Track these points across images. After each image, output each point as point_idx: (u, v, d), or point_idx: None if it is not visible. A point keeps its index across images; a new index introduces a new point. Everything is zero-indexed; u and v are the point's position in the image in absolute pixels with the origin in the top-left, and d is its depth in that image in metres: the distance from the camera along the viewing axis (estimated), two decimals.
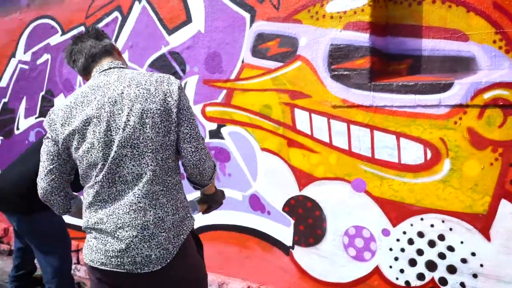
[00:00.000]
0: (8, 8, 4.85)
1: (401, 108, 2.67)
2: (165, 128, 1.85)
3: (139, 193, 1.84)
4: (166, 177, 1.88)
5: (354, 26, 2.79)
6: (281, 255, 3.21)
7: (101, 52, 2.03)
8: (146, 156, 1.83)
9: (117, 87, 1.88)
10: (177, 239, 1.90)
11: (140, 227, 1.83)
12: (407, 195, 2.70)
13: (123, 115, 1.82)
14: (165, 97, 1.86)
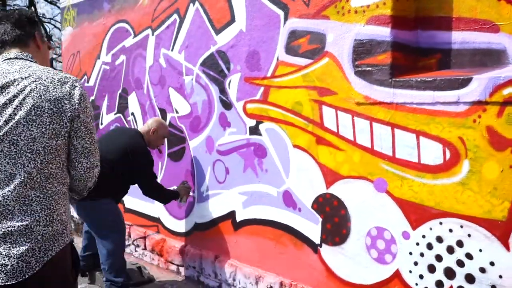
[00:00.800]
0: (95, 15, 5.35)
1: (420, 105, 2.54)
2: (53, 131, 1.72)
3: (9, 195, 1.67)
4: (45, 183, 1.72)
5: (376, 20, 2.70)
6: (310, 253, 3.20)
7: (12, 40, 1.91)
8: (23, 155, 1.69)
9: (14, 78, 1.74)
10: (44, 254, 1.70)
11: (2, 232, 1.66)
12: (426, 197, 2.56)
13: (11, 107, 1.69)
14: (62, 99, 1.74)
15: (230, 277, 3.76)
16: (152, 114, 4.56)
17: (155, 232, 4.66)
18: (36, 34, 1.97)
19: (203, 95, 3.94)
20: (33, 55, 1.94)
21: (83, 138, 1.79)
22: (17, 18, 1.93)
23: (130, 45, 4.80)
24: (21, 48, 1.92)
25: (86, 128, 1.79)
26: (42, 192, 1.72)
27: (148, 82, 4.59)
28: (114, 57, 5.07)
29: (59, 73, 1.82)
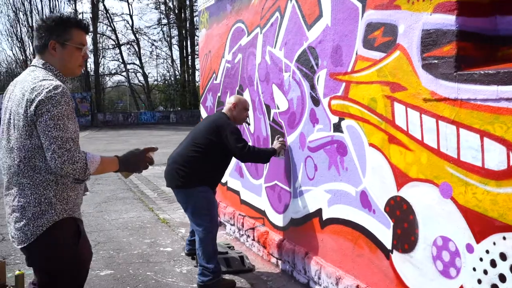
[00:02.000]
0: (221, 16, 5.68)
1: (484, 102, 2.23)
2: (27, 132, 2.06)
3: (11, 181, 2.13)
4: (33, 173, 2.09)
5: (442, 7, 2.44)
6: (383, 258, 3.02)
7: (35, 48, 2.26)
8: (13, 151, 2.11)
9: (14, 84, 2.21)
10: (36, 229, 2.09)
11: (11, 209, 2.14)
12: (490, 207, 2.24)
13: (7, 111, 2.15)
14: (28, 104, 2.04)
15: (315, 275, 3.73)
16: (260, 110, 4.71)
17: (261, 224, 4.81)
18: (51, 41, 2.19)
19: (298, 91, 3.95)
20: (49, 61, 2.20)
21: (41, 135, 2.04)
22: (37, 27, 2.21)
23: (245, 43, 5.00)
24: (39, 55, 2.22)
25: (43, 130, 2.02)
26: (32, 180, 2.10)
27: (257, 79, 4.74)
28: (233, 55, 5.34)
29: (37, 82, 2.07)
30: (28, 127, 2.07)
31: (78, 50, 2.26)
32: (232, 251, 4.71)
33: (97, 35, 34.73)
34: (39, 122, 2.03)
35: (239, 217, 5.30)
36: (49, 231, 2.11)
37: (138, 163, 2.33)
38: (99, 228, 5.95)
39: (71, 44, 2.22)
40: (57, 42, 2.20)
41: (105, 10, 35.68)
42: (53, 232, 2.12)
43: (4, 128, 2.18)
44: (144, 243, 5.27)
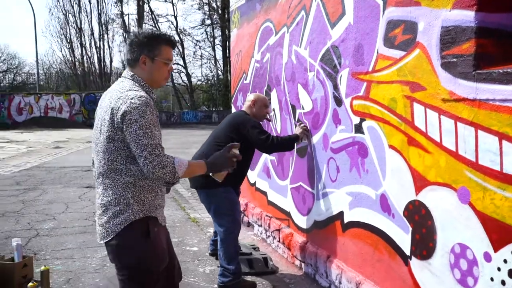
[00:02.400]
0: (251, 15, 5.66)
1: (503, 103, 2.11)
2: (110, 137, 2.21)
3: (98, 181, 2.32)
4: (114, 175, 2.24)
5: (462, 3, 2.32)
6: (401, 264, 2.91)
7: (126, 61, 2.45)
8: (99, 154, 2.28)
9: (106, 94, 2.37)
10: (115, 227, 2.24)
11: (96, 207, 2.33)
12: (508, 213, 2.12)
13: (98, 118, 2.32)
14: (115, 112, 2.19)
15: (336, 279, 3.64)
16: (286, 111, 4.65)
17: (286, 226, 4.76)
18: (142, 56, 2.34)
19: (321, 91, 3.88)
20: (138, 74, 2.37)
21: (130, 143, 2.19)
22: (129, 42, 2.38)
23: (272, 43, 4.96)
24: (129, 68, 2.40)
25: (128, 133, 2.17)
26: (113, 181, 2.25)
27: (284, 78, 4.69)
28: (262, 55, 5.30)
29: (123, 92, 2.23)
30: (111, 132, 2.21)
31: (166, 65, 2.40)
32: (257, 252, 4.68)
33: None
34: (129, 132, 2.17)
35: (266, 218, 5.26)
36: (125, 230, 2.24)
37: (223, 162, 2.44)
38: None
39: (160, 59, 2.36)
40: (147, 57, 2.35)
41: (150, 11, 36.39)
42: (129, 231, 2.25)
43: (96, 133, 2.34)
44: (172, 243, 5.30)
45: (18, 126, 29.04)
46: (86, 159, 13.46)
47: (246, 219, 5.98)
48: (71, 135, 23.24)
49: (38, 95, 30.59)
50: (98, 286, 4.02)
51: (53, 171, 11.05)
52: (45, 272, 3.89)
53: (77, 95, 30.98)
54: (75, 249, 5.03)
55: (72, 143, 19.17)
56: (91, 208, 7.04)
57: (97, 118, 2.34)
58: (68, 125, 29.55)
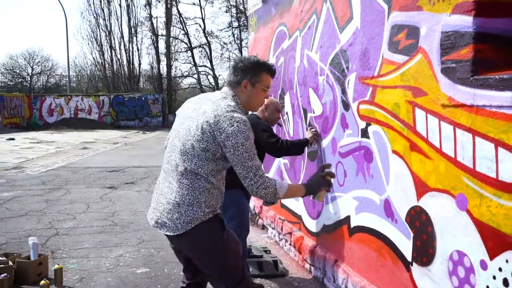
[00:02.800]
0: (266, 19, 5.69)
1: (499, 109, 2.08)
2: (205, 147, 2.35)
3: (174, 176, 2.44)
4: (194, 178, 2.38)
5: (460, 8, 2.31)
6: (403, 270, 2.89)
7: (227, 80, 2.60)
8: (186, 155, 2.40)
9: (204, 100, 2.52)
10: (186, 225, 2.39)
11: (165, 200, 2.44)
12: (503, 221, 2.09)
13: (192, 119, 2.43)
14: (218, 127, 2.32)
15: (342, 284, 3.64)
16: (299, 114, 4.66)
17: (297, 229, 4.76)
18: (245, 80, 2.52)
19: (331, 95, 3.88)
20: (238, 95, 2.53)
21: (235, 164, 2.36)
22: (234, 66, 2.57)
23: (286, 47, 4.98)
24: (230, 87, 2.56)
25: (234, 156, 2.34)
26: (191, 183, 2.39)
27: (296, 82, 4.70)
28: (277, 58, 5.33)
29: (232, 114, 2.36)
30: (208, 144, 2.35)
31: (264, 91, 2.60)
32: (268, 255, 4.70)
33: (170, 38, 35.84)
34: (235, 155, 2.33)
35: (279, 221, 5.28)
36: (196, 228, 2.39)
37: (319, 184, 2.61)
38: (147, 227, 6.12)
39: (260, 85, 2.56)
40: (249, 82, 2.54)
41: (178, 14, 36.75)
42: (200, 228, 2.40)
43: (181, 131, 2.46)
44: None
45: (49, 127, 29.73)
46: (111, 159, 13.72)
47: (261, 221, 6.01)
48: (99, 136, 23.69)
49: (68, 97, 31.26)
50: (109, 285, 4.10)
51: (79, 172, 11.30)
52: (58, 270, 4.00)
53: (106, 97, 31.53)
54: (91, 249, 5.15)
55: (99, 144, 19.54)
56: (111, 208, 7.18)
57: (187, 118, 2.47)
58: (96, 126, 30.11)
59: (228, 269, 2.54)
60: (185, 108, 2.60)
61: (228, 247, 2.52)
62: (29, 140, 20.75)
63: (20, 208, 7.18)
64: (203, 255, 2.51)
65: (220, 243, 2.48)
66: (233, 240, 2.59)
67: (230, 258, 2.53)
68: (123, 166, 12.17)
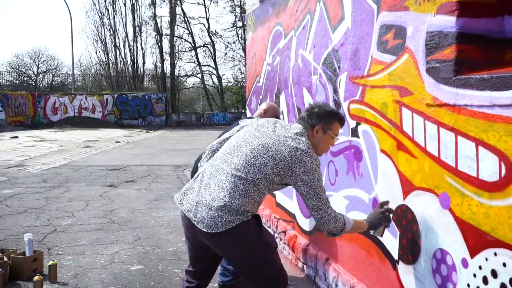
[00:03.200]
0: (264, 19, 5.72)
1: (480, 108, 2.10)
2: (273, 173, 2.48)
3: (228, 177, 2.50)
4: (251, 188, 2.47)
5: (444, 8, 2.33)
6: (390, 269, 2.91)
7: (300, 119, 2.75)
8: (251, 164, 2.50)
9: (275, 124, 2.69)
10: (227, 224, 2.43)
11: (210, 196, 2.49)
12: (483, 220, 2.11)
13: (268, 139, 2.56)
14: (296, 160, 2.47)
15: (333, 282, 3.66)
16: (293, 114, 4.69)
17: (291, 228, 4.79)
18: (318, 126, 2.67)
19: (323, 95, 3.90)
20: (309, 136, 2.66)
21: (310, 197, 2.48)
22: (310, 108, 2.74)
23: (282, 46, 5.01)
24: (302, 124, 2.71)
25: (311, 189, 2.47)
26: (246, 191, 2.47)
27: (291, 82, 4.73)
28: (273, 58, 5.35)
29: (311, 151, 2.53)
30: (281, 170, 2.48)
31: (332, 139, 2.74)
32: None
33: (174, 38, 35.91)
34: (312, 188, 2.46)
35: (274, 219, 5.30)
36: (236, 227, 2.45)
37: (381, 220, 2.71)
38: (144, 224, 6.17)
39: (331, 132, 2.71)
40: (321, 128, 2.68)
41: (183, 13, 36.82)
42: (240, 228, 2.47)
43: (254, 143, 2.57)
44: (181, 241, 5.41)
45: (52, 125, 29.89)
46: (113, 158, 13.79)
47: None
48: (102, 135, 23.78)
49: (72, 96, 31.40)
50: (103, 281, 4.14)
51: (80, 170, 11.36)
52: (52, 266, 4.04)
53: (109, 95, 31.65)
54: (88, 246, 5.19)
55: (102, 142, 19.62)
56: (109, 206, 7.23)
57: (264, 135, 2.59)
58: (100, 125, 30.24)
59: (271, 261, 2.62)
60: (255, 125, 2.71)
61: (266, 240, 2.61)
62: (32, 138, 20.87)
63: (20, 205, 7.24)
64: (243, 252, 2.55)
65: (260, 238, 2.57)
66: (269, 233, 2.70)
67: (269, 251, 2.62)
68: (125, 165, 12.23)
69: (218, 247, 2.54)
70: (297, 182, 2.47)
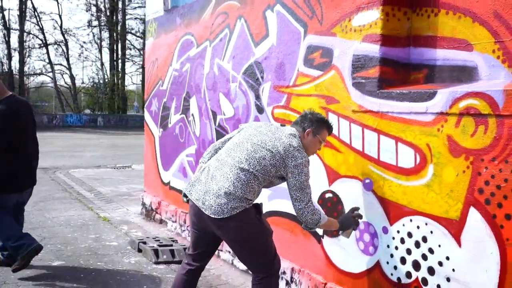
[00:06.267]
0: (169, 28, 6.11)
1: (399, 115, 2.86)
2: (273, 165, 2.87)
3: (233, 169, 2.86)
4: (251, 179, 2.84)
5: (369, 38, 3.06)
6: (315, 243, 3.59)
7: (295, 123, 3.13)
8: (252, 157, 2.87)
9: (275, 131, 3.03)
10: (232, 210, 2.79)
11: (216, 185, 2.85)
12: (401, 196, 2.87)
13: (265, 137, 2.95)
14: (290, 158, 2.85)
15: None
16: (207, 116, 5.18)
17: None
18: (310, 129, 3.02)
19: (243, 100, 4.48)
20: (301, 138, 3.01)
21: (296, 188, 2.86)
22: (304, 114, 3.13)
23: (193, 54, 5.47)
24: (296, 128, 3.07)
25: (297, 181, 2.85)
26: (247, 181, 2.84)
27: (205, 87, 5.22)
28: (181, 64, 5.78)
29: (302, 149, 2.91)
30: (277, 163, 2.86)
31: (320, 143, 3.08)
32: (177, 244, 5.12)
33: (23, 33, 33.49)
34: (298, 180, 2.84)
35: (182, 214, 5.71)
36: (240, 213, 2.80)
37: (350, 223, 3.09)
38: (41, 224, 6.11)
39: (319, 137, 3.05)
40: (312, 131, 3.03)
41: (33, 8, 34.56)
42: (243, 214, 2.82)
43: (255, 140, 2.94)
44: (90, 238, 5.54)
45: None
46: None
47: (159, 216, 6.38)
48: None
49: None
50: (30, 277, 4.20)
51: None
52: None
53: None
54: None
55: None
56: None
57: (262, 133, 2.97)
58: None
59: (268, 249, 2.99)
60: (254, 126, 3.10)
61: (265, 226, 2.99)
62: None
63: None
64: (244, 236, 2.88)
65: (260, 224, 2.95)
66: (266, 221, 3.07)
67: (267, 236, 3.00)
68: None
69: (222, 230, 2.85)
70: (288, 174, 2.85)
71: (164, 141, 6.33)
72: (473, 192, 2.46)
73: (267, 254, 2.97)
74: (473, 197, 2.46)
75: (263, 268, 2.95)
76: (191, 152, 5.55)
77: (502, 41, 2.53)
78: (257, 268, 2.98)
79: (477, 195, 2.45)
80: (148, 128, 6.89)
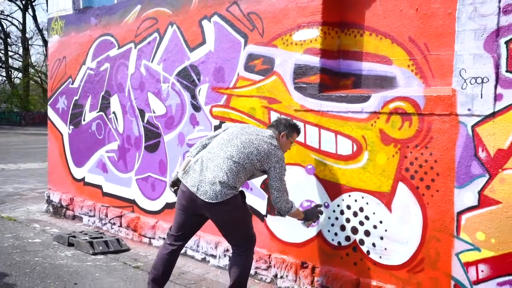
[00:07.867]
0: (82, 27, 6.22)
1: (338, 113, 3.63)
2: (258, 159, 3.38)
3: (226, 162, 3.34)
4: (241, 170, 3.35)
5: (310, 51, 3.77)
6: (258, 222, 4.23)
7: (271, 125, 3.68)
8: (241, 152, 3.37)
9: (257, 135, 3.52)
10: (225, 196, 3.29)
11: (212, 174, 3.32)
12: (341, 177, 3.65)
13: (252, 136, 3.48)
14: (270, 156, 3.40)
15: (194, 244, 4.74)
16: (132, 114, 5.49)
17: (130, 212, 5.57)
18: (282, 133, 3.57)
19: (177, 99, 4.92)
20: (272, 133, 3.57)
21: (276, 179, 3.39)
22: (278, 119, 3.68)
23: (114, 55, 5.71)
24: (272, 130, 3.61)
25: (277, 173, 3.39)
26: (237, 172, 3.35)
27: (129, 86, 5.51)
28: (98, 64, 5.96)
29: (279, 151, 3.45)
30: (262, 158, 3.38)
31: (291, 143, 3.66)
32: (106, 236, 5.37)
33: None
34: (278, 173, 3.38)
35: (102, 208, 5.92)
36: (231, 199, 3.32)
37: (313, 215, 3.65)
38: None
39: (290, 139, 3.62)
40: (286, 134, 3.59)
41: None
42: (232, 199, 3.33)
43: (243, 138, 3.43)
44: (8, 237, 5.48)
45: None
46: None
47: (71, 212, 6.45)
48: None
49: None
50: None
51: None
52: None
53: None
54: None
55: None
56: None
57: (248, 133, 3.49)
58: None
59: (249, 227, 3.54)
60: (240, 127, 3.61)
61: (248, 210, 3.55)
62: None
63: None
64: (232, 217, 3.40)
65: (245, 208, 3.51)
66: (248, 206, 3.61)
67: (249, 217, 3.56)
68: None
69: (213, 213, 3.36)
70: (270, 168, 3.38)
71: (76, 139, 6.42)
72: (401, 171, 3.32)
73: (248, 232, 3.52)
74: (401, 175, 3.32)
75: (245, 243, 3.50)
76: (113, 148, 5.80)
77: (415, 59, 3.43)
78: (239, 243, 3.50)
79: (404, 173, 3.31)
80: (53, 125, 6.86)
